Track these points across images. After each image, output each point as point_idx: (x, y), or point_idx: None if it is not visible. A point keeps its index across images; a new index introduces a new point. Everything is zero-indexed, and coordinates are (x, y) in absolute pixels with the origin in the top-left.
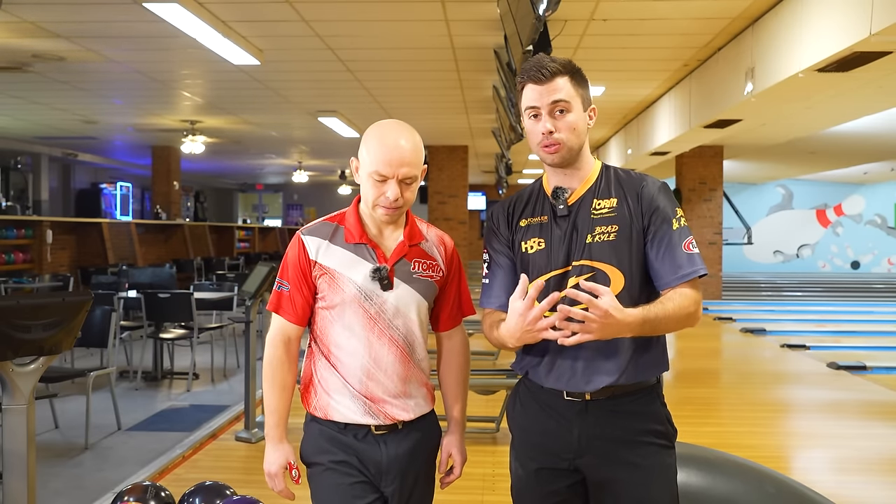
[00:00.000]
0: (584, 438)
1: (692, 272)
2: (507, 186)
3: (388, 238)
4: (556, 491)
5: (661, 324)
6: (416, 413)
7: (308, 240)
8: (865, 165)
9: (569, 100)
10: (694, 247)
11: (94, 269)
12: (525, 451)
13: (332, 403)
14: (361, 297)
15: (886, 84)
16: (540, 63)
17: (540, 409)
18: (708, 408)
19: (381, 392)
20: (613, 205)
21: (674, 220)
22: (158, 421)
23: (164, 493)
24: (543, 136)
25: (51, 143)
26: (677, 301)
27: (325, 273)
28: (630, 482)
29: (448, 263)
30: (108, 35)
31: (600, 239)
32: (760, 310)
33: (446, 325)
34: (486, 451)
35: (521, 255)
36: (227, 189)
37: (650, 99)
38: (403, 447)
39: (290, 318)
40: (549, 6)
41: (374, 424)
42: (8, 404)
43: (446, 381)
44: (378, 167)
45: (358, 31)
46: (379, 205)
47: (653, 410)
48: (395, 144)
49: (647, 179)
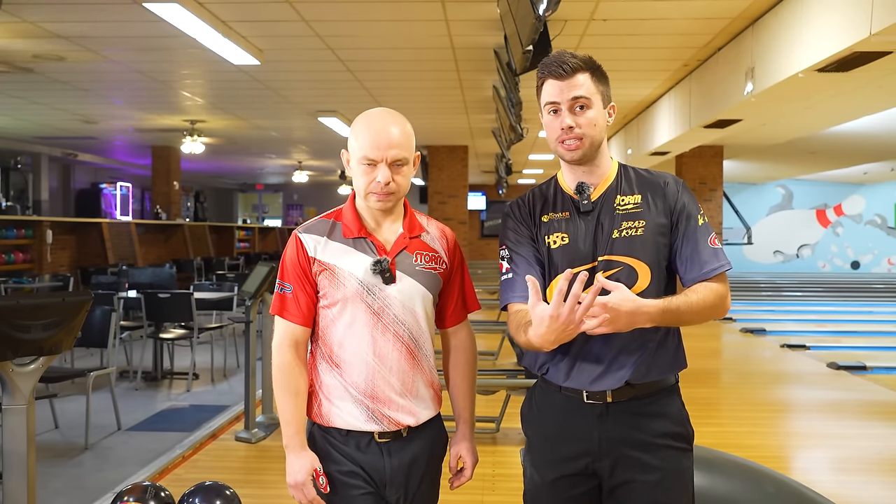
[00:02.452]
0: (605, 442)
1: (718, 267)
2: (507, 186)
3: (387, 231)
4: (571, 497)
5: (685, 315)
6: (423, 418)
7: (306, 237)
8: (865, 165)
9: (589, 96)
10: (718, 242)
11: (94, 269)
12: (542, 458)
13: (333, 410)
14: (364, 292)
15: (886, 84)
16: (561, 58)
17: (558, 413)
18: (708, 408)
19: (387, 391)
20: (638, 201)
21: (698, 216)
22: (158, 421)
23: (164, 493)
24: (563, 131)
25: (51, 143)
26: (702, 293)
27: (326, 269)
28: (648, 485)
29: (451, 256)
30: (108, 35)
31: (627, 234)
32: (760, 310)
33: (452, 320)
34: (486, 451)
35: (547, 248)
36: (227, 189)
37: (650, 99)
38: (408, 456)
39: (297, 319)
40: (549, 6)
41: (377, 431)
42: (8, 404)
43: (454, 380)
44: (366, 151)
45: (358, 31)
46: (371, 191)
47: (673, 412)
48: (383, 128)
49: (668, 177)
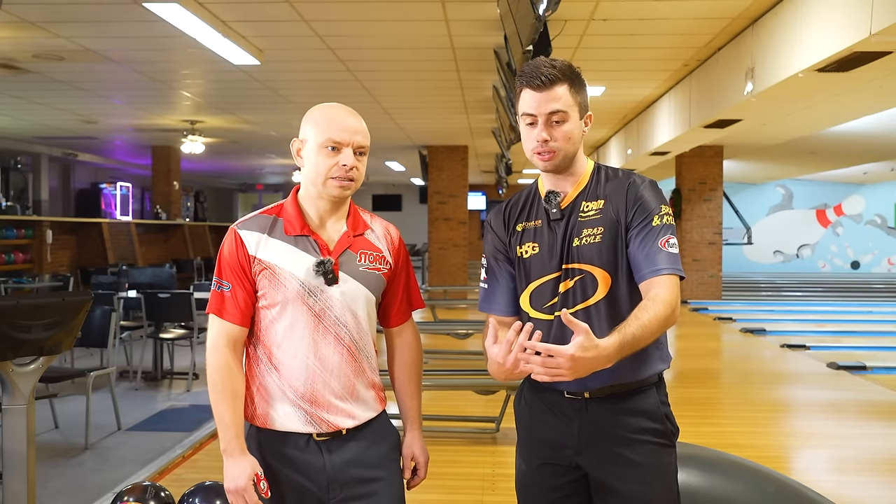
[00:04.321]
0: (584, 435)
1: (665, 269)
2: (507, 186)
3: (330, 229)
4: (558, 486)
5: (641, 341)
6: (362, 419)
7: (245, 234)
8: (865, 165)
9: (566, 109)
10: (671, 246)
11: (94, 269)
12: (528, 447)
13: (270, 412)
14: (305, 294)
15: (886, 84)
16: (539, 69)
17: (543, 407)
18: (708, 408)
19: (327, 394)
20: (600, 206)
21: (656, 215)
22: (158, 421)
23: (164, 493)
24: (538, 143)
25: (51, 143)
26: (652, 310)
27: (266, 269)
28: (628, 480)
29: (395, 255)
30: (108, 35)
31: (587, 241)
32: (760, 310)
33: (396, 320)
34: (486, 451)
35: (518, 259)
36: (227, 189)
37: (650, 99)
38: (349, 453)
39: (235, 319)
40: (549, 6)
41: (314, 433)
42: (8, 404)
43: (399, 379)
44: (332, 134)
45: (358, 31)
46: (332, 176)
47: (652, 409)
48: (347, 115)
49: (634, 177)
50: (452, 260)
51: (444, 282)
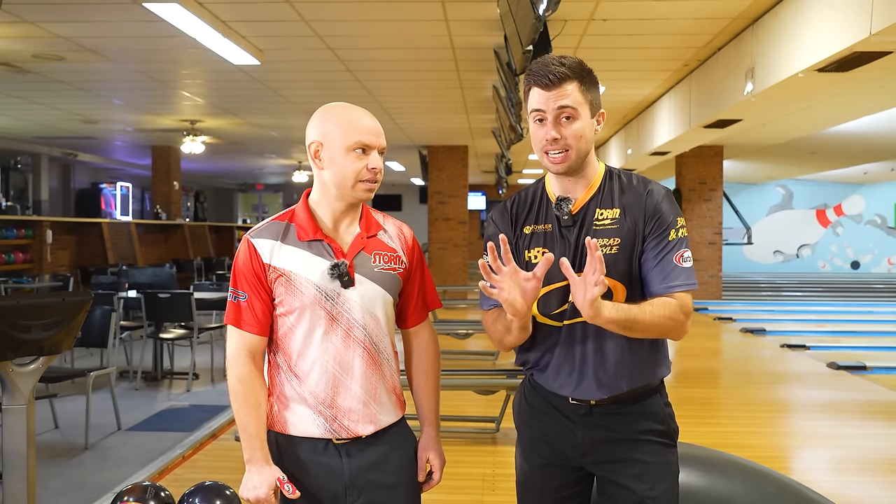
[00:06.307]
0: (588, 439)
1: (677, 285)
2: (507, 186)
3: (343, 232)
4: (560, 486)
5: (638, 324)
6: (383, 423)
7: (258, 242)
8: (865, 165)
9: (576, 107)
10: (685, 260)
11: (94, 269)
12: (531, 448)
13: (289, 417)
14: (322, 298)
15: (886, 84)
16: (547, 66)
17: (547, 410)
18: (708, 408)
19: (349, 400)
20: (616, 216)
21: (672, 230)
22: (158, 421)
23: (164, 493)
24: (547, 142)
25: (51, 143)
26: (657, 307)
27: (281, 275)
28: (633, 479)
29: (410, 255)
30: (108, 35)
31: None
32: (760, 310)
33: (413, 320)
34: (486, 451)
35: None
36: (227, 189)
37: (650, 99)
38: (369, 458)
39: (253, 329)
40: (549, 6)
41: (334, 438)
42: (8, 404)
43: (417, 381)
44: (360, 137)
45: (358, 31)
46: (362, 179)
47: (655, 411)
48: (366, 115)
49: (651, 186)
50: (452, 260)
51: (444, 282)
